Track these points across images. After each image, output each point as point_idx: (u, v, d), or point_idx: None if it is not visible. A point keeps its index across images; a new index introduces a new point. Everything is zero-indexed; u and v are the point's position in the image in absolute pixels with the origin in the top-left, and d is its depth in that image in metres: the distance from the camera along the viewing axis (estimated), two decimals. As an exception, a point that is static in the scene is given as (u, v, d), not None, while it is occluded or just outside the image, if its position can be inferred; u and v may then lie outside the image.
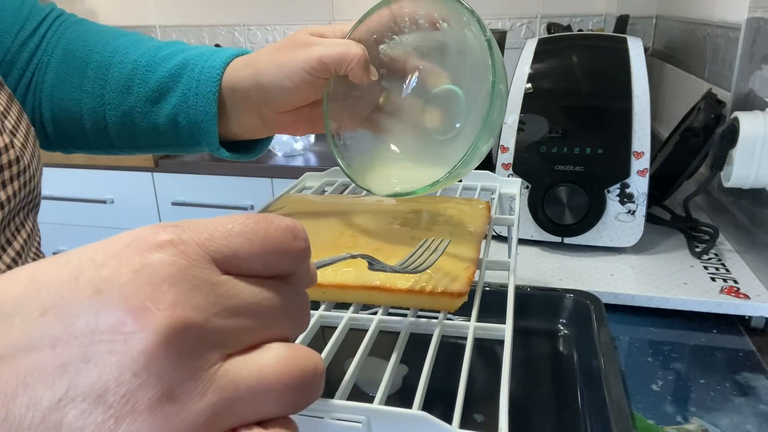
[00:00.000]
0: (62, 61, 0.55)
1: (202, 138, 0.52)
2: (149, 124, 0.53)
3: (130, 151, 0.57)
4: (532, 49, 0.82)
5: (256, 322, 0.20)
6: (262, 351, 0.20)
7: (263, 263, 0.21)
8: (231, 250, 0.20)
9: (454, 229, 0.45)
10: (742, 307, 0.65)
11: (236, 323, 0.19)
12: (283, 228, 0.21)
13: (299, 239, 0.22)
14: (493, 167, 0.80)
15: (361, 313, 0.37)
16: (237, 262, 0.20)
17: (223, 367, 0.19)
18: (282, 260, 0.21)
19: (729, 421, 0.52)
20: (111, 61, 0.53)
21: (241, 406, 0.19)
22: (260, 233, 0.20)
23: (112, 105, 0.53)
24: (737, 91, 0.83)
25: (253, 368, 0.19)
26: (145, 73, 0.52)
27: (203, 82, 0.50)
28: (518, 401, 0.51)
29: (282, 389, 0.19)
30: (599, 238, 0.79)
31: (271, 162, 1.59)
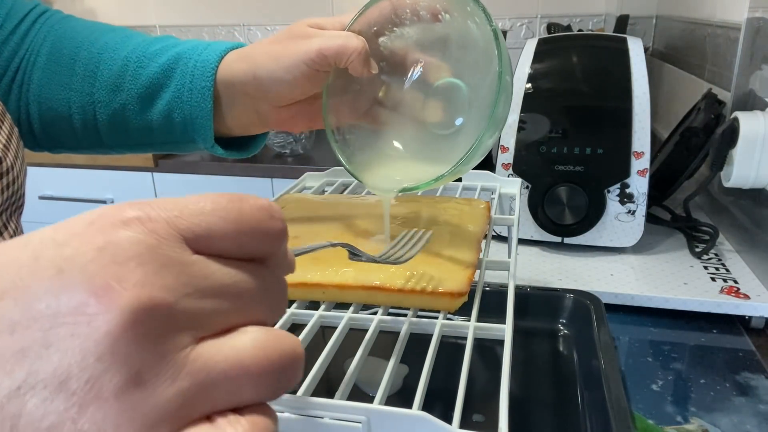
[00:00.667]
0: (49, 59, 0.53)
1: (197, 134, 0.51)
2: (142, 122, 0.52)
3: (121, 150, 0.56)
4: (532, 49, 0.82)
5: (230, 305, 0.19)
6: (237, 334, 0.19)
7: (238, 243, 0.19)
8: (203, 229, 0.19)
9: (454, 229, 0.45)
10: (742, 307, 0.65)
11: (209, 305, 0.18)
12: (258, 206, 0.20)
13: (275, 219, 0.20)
14: (493, 167, 0.80)
15: (361, 313, 0.37)
16: (209, 242, 0.19)
17: (195, 350, 0.17)
18: (257, 240, 0.20)
19: (729, 421, 0.52)
20: (100, 59, 0.52)
21: (216, 391, 0.17)
22: (234, 211, 0.19)
23: (103, 103, 0.52)
24: (737, 91, 0.83)
25: (228, 352, 0.18)
26: (136, 69, 0.51)
27: (197, 76, 0.49)
28: (518, 401, 0.51)
29: (259, 373, 0.18)
30: (599, 238, 0.79)
31: (271, 162, 1.59)
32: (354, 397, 0.28)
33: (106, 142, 0.54)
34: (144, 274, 0.17)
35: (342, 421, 0.27)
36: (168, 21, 2.11)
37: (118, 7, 2.16)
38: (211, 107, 0.49)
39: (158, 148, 0.55)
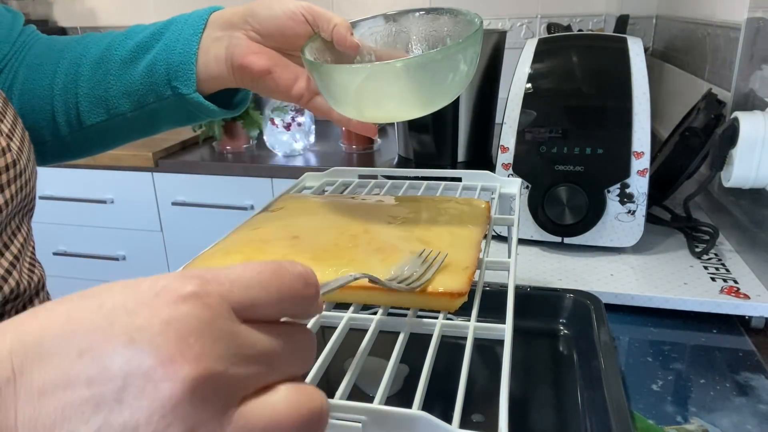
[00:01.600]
0: (36, 57, 0.55)
1: (179, 81, 0.51)
2: (123, 86, 0.53)
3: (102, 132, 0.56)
4: (532, 49, 0.82)
5: (269, 368, 0.21)
6: (273, 393, 0.21)
7: (278, 309, 0.22)
8: (249, 301, 0.22)
9: (454, 229, 0.45)
10: (742, 307, 0.65)
11: (252, 370, 0.21)
12: (296, 276, 0.23)
13: (310, 285, 0.23)
14: (493, 167, 0.80)
15: (361, 313, 0.37)
16: (254, 310, 0.22)
17: (239, 411, 0.20)
18: (295, 306, 0.23)
19: (729, 421, 0.52)
20: (90, 43, 0.55)
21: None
22: (276, 284, 0.22)
23: (86, 77, 0.53)
24: (737, 91, 0.83)
25: (266, 411, 0.21)
26: (124, 40, 0.54)
27: (190, 23, 0.52)
28: (518, 401, 0.51)
29: (290, 428, 0.21)
30: (599, 238, 0.79)
31: (271, 162, 1.59)
32: (354, 397, 0.28)
33: (85, 120, 0.55)
34: (201, 347, 0.19)
35: (342, 421, 0.27)
36: (168, 21, 2.11)
37: (118, 7, 2.16)
38: (195, 51, 0.51)
39: (138, 119, 0.55)
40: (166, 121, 0.56)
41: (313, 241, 0.43)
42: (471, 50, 0.44)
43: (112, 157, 1.64)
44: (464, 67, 0.44)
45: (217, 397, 0.20)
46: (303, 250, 0.42)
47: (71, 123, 0.55)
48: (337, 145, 1.71)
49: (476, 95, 1.33)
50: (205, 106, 0.53)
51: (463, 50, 0.43)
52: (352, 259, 0.41)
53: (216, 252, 0.44)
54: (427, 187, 0.60)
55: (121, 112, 0.54)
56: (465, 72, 0.45)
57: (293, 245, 0.43)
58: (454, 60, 0.43)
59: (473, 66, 0.45)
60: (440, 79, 0.44)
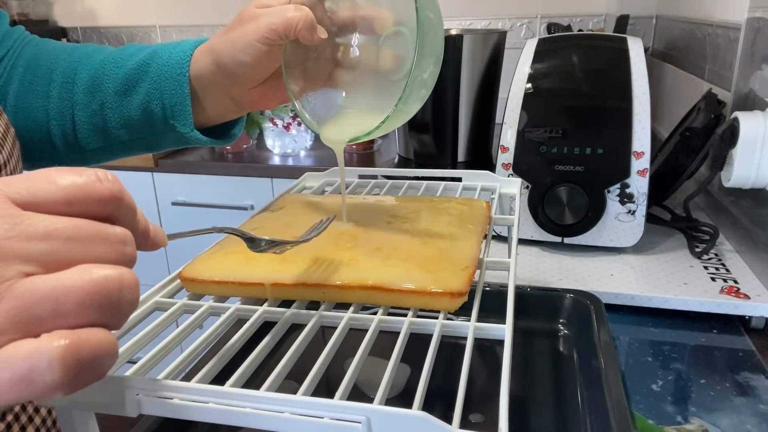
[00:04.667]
0: (26, 72, 0.55)
1: (177, 121, 0.52)
2: (120, 118, 0.53)
3: (100, 153, 0.57)
4: (532, 49, 0.82)
5: (58, 245, 0.22)
6: (71, 269, 0.22)
7: (65, 203, 0.23)
8: (30, 192, 0.23)
9: (454, 229, 0.45)
10: (742, 307, 0.65)
11: (35, 246, 0.22)
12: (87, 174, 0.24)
13: (105, 181, 0.24)
14: (493, 167, 0.80)
15: (361, 313, 0.37)
16: (36, 203, 0.23)
17: (21, 281, 0.21)
18: (87, 202, 0.24)
19: (729, 421, 0.52)
20: (78, 65, 0.54)
21: (39, 311, 0.21)
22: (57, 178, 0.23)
23: (81, 105, 0.54)
24: (737, 91, 0.83)
25: (52, 280, 0.22)
26: (113, 69, 0.53)
27: (172, 65, 0.51)
28: (518, 401, 0.51)
29: (80, 296, 0.22)
30: (599, 238, 0.79)
31: (271, 162, 1.59)
32: (354, 397, 0.28)
33: (84, 146, 0.56)
34: None
35: (342, 421, 0.27)
36: (168, 21, 2.11)
37: (118, 7, 2.16)
38: (188, 92, 0.51)
39: (138, 146, 0.57)
40: (165, 146, 0.58)
41: (313, 241, 0.43)
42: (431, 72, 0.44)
43: (112, 157, 1.63)
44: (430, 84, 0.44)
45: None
46: (303, 250, 0.42)
47: (70, 148, 0.56)
48: (337, 145, 1.71)
49: (476, 95, 1.33)
50: (204, 141, 0.54)
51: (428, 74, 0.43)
52: (352, 258, 0.41)
53: (216, 252, 0.44)
54: (427, 187, 0.60)
55: (120, 140, 0.56)
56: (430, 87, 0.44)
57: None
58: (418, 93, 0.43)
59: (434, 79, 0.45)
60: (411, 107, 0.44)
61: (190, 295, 0.41)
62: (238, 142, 1.67)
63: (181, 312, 0.39)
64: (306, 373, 0.31)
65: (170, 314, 0.38)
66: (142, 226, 0.27)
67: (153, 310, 0.39)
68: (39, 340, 0.21)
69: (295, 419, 0.27)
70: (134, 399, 0.29)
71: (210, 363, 0.33)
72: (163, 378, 0.30)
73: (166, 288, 0.41)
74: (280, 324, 0.37)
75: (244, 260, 0.41)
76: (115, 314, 0.23)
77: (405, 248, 0.41)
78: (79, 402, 0.30)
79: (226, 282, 0.40)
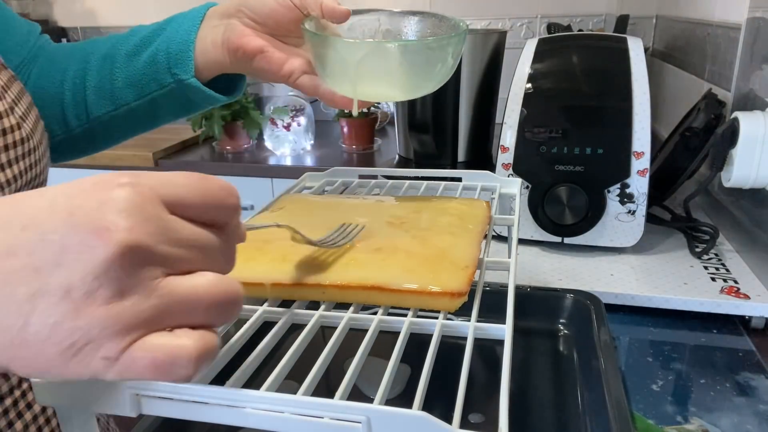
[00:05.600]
0: (47, 59, 0.60)
1: (179, 68, 0.55)
2: (126, 78, 0.57)
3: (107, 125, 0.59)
4: (532, 49, 0.82)
5: (193, 254, 0.25)
6: (197, 275, 0.25)
7: (203, 211, 0.26)
8: (177, 197, 0.25)
9: (454, 229, 0.45)
10: (742, 307, 0.65)
11: (177, 251, 0.24)
12: (220, 185, 0.26)
13: (232, 196, 0.27)
14: (493, 167, 0.80)
15: (361, 313, 0.37)
16: (181, 207, 0.25)
17: (165, 281, 0.24)
18: (217, 211, 0.26)
19: (729, 421, 0.52)
20: (99, 41, 0.60)
21: (176, 311, 0.24)
22: (201, 187, 0.26)
23: (93, 72, 0.58)
24: (737, 91, 0.83)
25: (187, 284, 0.24)
26: (129, 36, 0.58)
27: (189, 17, 0.55)
28: (518, 401, 0.51)
29: (209, 303, 0.25)
30: (599, 238, 0.79)
31: (271, 162, 1.59)
32: (354, 397, 0.28)
33: (92, 112, 0.59)
34: (132, 223, 0.23)
35: (342, 421, 0.27)
36: (168, 21, 2.11)
37: (118, 7, 2.16)
38: (194, 38, 0.54)
39: (142, 110, 0.59)
40: (168, 110, 0.59)
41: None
42: (458, 46, 0.48)
43: (113, 157, 1.63)
44: (451, 60, 0.48)
45: (144, 265, 0.23)
46: (303, 250, 0.42)
47: (80, 116, 0.59)
48: (337, 145, 1.71)
49: (476, 95, 1.33)
50: (202, 91, 0.56)
51: (454, 44, 0.48)
52: (352, 258, 0.41)
53: (216, 252, 0.44)
54: (427, 187, 0.60)
55: (126, 102, 0.58)
56: (450, 65, 0.49)
57: (293, 245, 0.43)
58: (445, 51, 0.48)
59: (456, 63, 0.49)
60: (431, 67, 0.48)
61: (190, 295, 0.41)
62: (239, 142, 1.67)
63: (181, 312, 0.39)
64: (306, 373, 0.31)
65: (170, 314, 0.38)
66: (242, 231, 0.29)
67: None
68: (180, 338, 0.24)
69: (295, 419, 0.27)
70: (134, 399, 0.29)
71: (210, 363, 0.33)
72: (163, 378, 0.30)
73: (166, 288, 0.41)
74: (280, 324, 0.37)
75: (244, 260, 0.41)
76: (226, 320, 0.26)
77: (405, 248, 0.41)
78: (79, 402, 0.30)
79: (226, 282, 0.40)
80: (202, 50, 0.55)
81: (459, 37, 0.48)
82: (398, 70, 0.48)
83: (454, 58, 0.49)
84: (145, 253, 0.23)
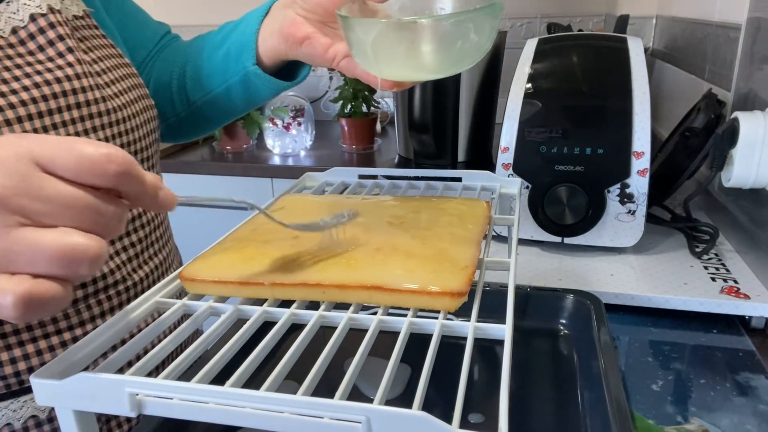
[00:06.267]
0: (167, 55, 0.72)
1: (244, 56, 0.62)
2: (211, 67, 0.66)
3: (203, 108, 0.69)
4: (532, 49, 0.82)
5: (56, 209, 0.28)
6: (49, 230, 0.28)
7: (75, 173, 0.28)
8: (51, 158, 0.28)
9: (454, 229, 0.45)
10: (742, 307, 0.65)
11: (37, 205, 0.27)
12: (101, 153, 0.28)
13: (112, 163, 0.28)
14: (493, 167, 0.80)
15: (361, 313, 0.37)
16: (54, 168, 0.28)
17: (16, 229, 0.27)
18: (91, 175, 0.28)
19: (729, 421, 0.52)
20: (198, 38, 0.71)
21: (19, 257, 0.27)
22: (77, 151, 0.28)
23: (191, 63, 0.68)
24: (737, 91, 0.83)
25: (34, 236, 0.27)
26: (218, 31, 0.68)
27: (256, 12, 0.62)
28: (518, 401, 0.51)
29: (50, 255, 0.27)
30: (599, 238, 0.79)
31: (271, 162, 1.59)
32: (354, 397, 0.28)
33: (190, 98, 0.69)
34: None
35: (342, 421, 0.27)
36: (168, 21, 2.10)
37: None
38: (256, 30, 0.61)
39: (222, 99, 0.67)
40: (241, 97, 0.66)
41: (313, 241, 0.43)
42: (483, 21, 0.45)
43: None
44: (475, 37, 0.45)
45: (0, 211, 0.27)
46: (303, 250, 0.42)
47: (183, 101, 0.69)
48: (337, 145, 1.71)
49: (476, 95, 1.33)
50: (263, 77, 0.62)
51: (472, 20, 0.45)
52: (352, 258, 0.41)
53: (216, 252, 0.44)
54: (427, 187, 0.60)
55: (212, 89, 0.67)
56: (476, 43, 0.46)
57: (293, 245, 0.43)
58: (464, 27, 0.45)
59: (487, 38, 0.46)
60: (450, 44, 0.46)
61: (190, 295, 0.41)
62: (239, 142, 1.67)
63: (181, 312, 0.39)
64: (306, 373, 0.31)
65: (170, 314, 0.38)
66: (150, 193, 0.31)
67: (153, 310, 0.39)
68: (8, 281, 0.27)
69: (295, 419, 0.27)
70: (134, 399, 0.29)
71: (210, 363, 0.33)
72: (163, 378, 0.30)
73: (166, 288, 0.41)
74: (280, 324, 0.37)
75: (244, 260, 0.41)
76: (73, 276, 0.28)
77: (405, 248, 0.41)
78: (79, 402, 0.30)
79: (226, 282, 0.40)
80: (263, 39, 0.61)
81: (480, 12, 0.45)
82: (414, 49, 0.46)
83: (479, 34, 0.46)
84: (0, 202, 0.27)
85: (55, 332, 0.49)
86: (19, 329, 0.47)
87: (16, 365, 0.47)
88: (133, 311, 0.38)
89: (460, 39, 0.45)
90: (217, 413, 0.28)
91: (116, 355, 0.33)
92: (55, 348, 0.49)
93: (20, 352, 0.47)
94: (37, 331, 0.48)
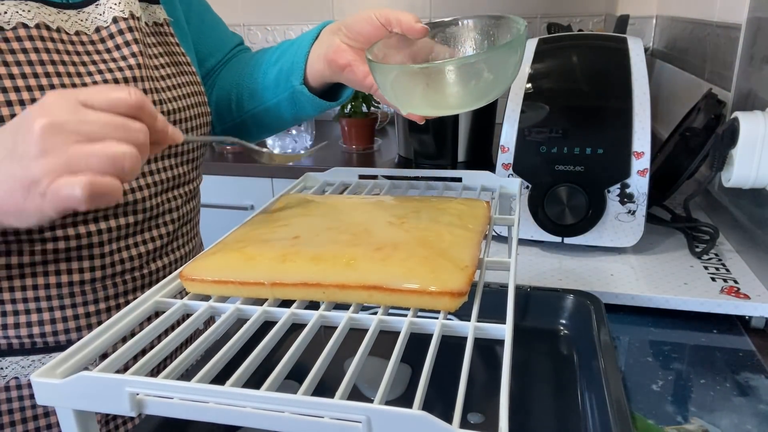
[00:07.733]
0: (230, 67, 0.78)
1: (293, 75, 0.66)
2: (265, 82, 0.71)
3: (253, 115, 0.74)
4: (532, 49, 0.82)
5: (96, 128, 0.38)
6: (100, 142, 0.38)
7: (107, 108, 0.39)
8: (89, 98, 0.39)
9: (454, 229, 0.45)
10: (742, 307, 0.65)
11: (84, 127, 0.37)
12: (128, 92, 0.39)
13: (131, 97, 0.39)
14: (493, 167, 0.80)
15: (361, 313, 0.37)
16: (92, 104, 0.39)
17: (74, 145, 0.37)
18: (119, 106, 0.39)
19: (729, 421, 0.52)
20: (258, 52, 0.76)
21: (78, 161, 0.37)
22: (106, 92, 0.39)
23: (248, 75, 0.73)
24: (737, 91, 0.83)
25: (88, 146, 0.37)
26: (275, 49, 0.72)
27: (310, 33, 0.67)
28: (518, 401, 0.51)
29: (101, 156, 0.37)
30: (599, 238, 0.79)
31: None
32: (354, 397, 0.28)
33: (244, 108, 0.74)
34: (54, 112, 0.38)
35: (342, 420, 0.27)
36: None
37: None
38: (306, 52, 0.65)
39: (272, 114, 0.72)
40: (288, 112, 0.71)
41: (313, 241, 0.43)
42: (495, 60, 0.47)
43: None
44: (489, 75, 0.47)
45: (61, 134, 0.37)
46: (303, 250, 0.42)
47: (238, 109, 0.74)
48: (337, 145, 1.71)
49: (476, 95, 1.33)
50: (308, 95, 0.66)
51: (485, 60, 0.47)
52: (352, 258, 0.41)
53: (216, 251, 0.44)
54: (427, 187, 0.60)
55: (263, 102, 0.72)
56: (491, 80, 0.48)
57: (293, 245, 0.43)
58: (473, 69, 0.47)
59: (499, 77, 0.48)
60: (462, 84, 0.48)
61: (190, 295, 0.41)
62: (238, 142, 1.67)
63: (181, 312, 0.39)
64: (306, 373, 0.31)
65: (170, 314, 0.38)
66: (160, 126, 0.42)
67: (153, 310, 0.39)
68: (75, 176, 0.37)
69: (295, 419, 0.27)
70: (134, 399, 0.29)
71: (210, 363, 0.33)
72: (163, 378, 0.30)
73: (166, 288, 0.41)
74: (280, 324, 0.37)
75: (244, 260, 0.41)
76: (120, 173, 0.38)
77: (405, 248, 0.41)
78: (80, 402, 0.30)
79: (226, 282, 0.40)
80: (311, 62, 0.65)
81: (493, 52, 0.48)
82: (430, 89, 0.48)
83: (494, 72, 0.47)
84: (61, 126, 0.37)
85: (71, 305, 0.54)
86: (40, 297, 0.53)
87: (31, 329, 0.53)
88: (133, 311, 0.38)
89: (473, 79, 0.47)
90: (217, 413, 0.28)
91: (116, 355, 0.33)
92: (68, 319, 0.55)
93: (36, 318, 0.53)
94: (55, 302, 0.53)
